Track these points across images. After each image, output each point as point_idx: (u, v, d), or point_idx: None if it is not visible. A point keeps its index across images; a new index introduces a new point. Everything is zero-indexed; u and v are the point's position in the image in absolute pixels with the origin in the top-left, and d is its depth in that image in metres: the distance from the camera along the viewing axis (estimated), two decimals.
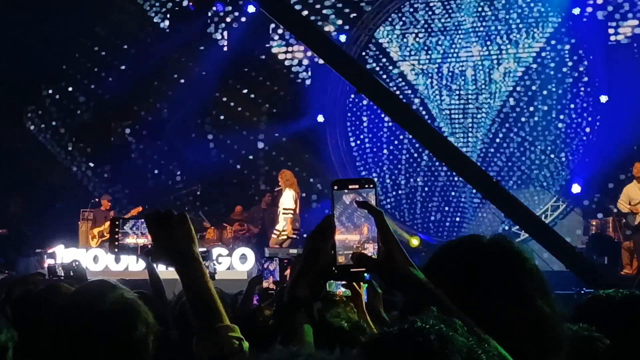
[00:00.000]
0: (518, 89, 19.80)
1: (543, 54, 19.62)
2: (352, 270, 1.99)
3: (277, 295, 5.87)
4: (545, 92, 19.58)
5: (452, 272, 2.08)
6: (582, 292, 9.37)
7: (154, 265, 5.80)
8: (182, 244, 2.57)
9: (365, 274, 2.02)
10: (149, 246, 2.73)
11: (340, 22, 21.09)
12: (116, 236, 3.06)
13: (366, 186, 2.00)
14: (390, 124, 20.33)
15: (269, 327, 2.54)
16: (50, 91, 23.10)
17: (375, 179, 2.06)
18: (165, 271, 3.48)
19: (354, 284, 3.46)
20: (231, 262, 15.62)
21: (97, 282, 2.99)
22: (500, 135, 19.88)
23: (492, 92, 19.97)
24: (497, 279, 2.04)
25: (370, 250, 1.99)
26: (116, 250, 3.09)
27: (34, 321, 2.08)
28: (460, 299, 1.97)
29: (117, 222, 3.03)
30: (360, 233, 2.00)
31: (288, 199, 15.98)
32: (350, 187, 2.01)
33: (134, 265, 14.17)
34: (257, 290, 6.54)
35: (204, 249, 12.88)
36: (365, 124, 21.04)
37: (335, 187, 2.01)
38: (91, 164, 22.81)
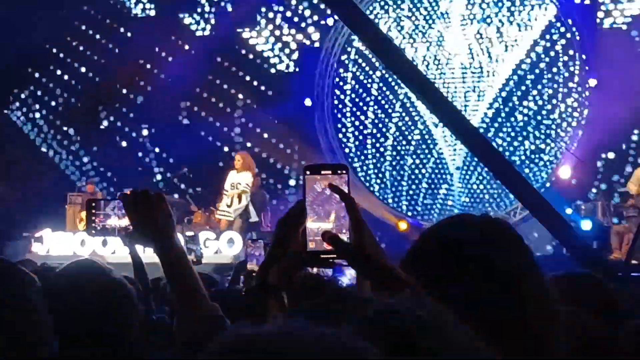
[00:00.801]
0: (510, 76, 19.81)
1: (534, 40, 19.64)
2: (322, 256, 1.95)
3: (246, 282, 5.87)
4: (533, 77, 19.63)
5: (439, 252, 2.04)
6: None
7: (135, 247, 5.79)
8: (160, 224, 2.57)
9: (334, 260, 1.97)
10: (129, 227, 2.70)
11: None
12: (93, 217, 3.03)
13: (339, 172, 1.97)
14: (375, 107, 20.42)
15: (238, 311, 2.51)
16: (36, 75, 22.98)
17: (348, 166, 2.00)
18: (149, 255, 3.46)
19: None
20: (218, 247, 15.62)
21: (84, 262, 2.97)
22: (494, 124, 19.91)
23: (485, 81, 19.99)
24: (485, 258, 2.00)
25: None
26: (93, 232, 3.05)
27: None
28: (446, 279, 1.96)
29: (93, 204, 3.00)
30: (330, 220, 1.96)
31: (245, 178, 16.11)
32: (322, 172, 1.97)
33: (122, 248, 14.12)
34: (243, 274, 6.53)
35: (192, 233, 12.88)
36: (349, 108, 21.04)
37: (308, 172, 1.97)
38: (76, 148, 22.72)
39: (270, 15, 21.25)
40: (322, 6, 20.41)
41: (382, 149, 20.71)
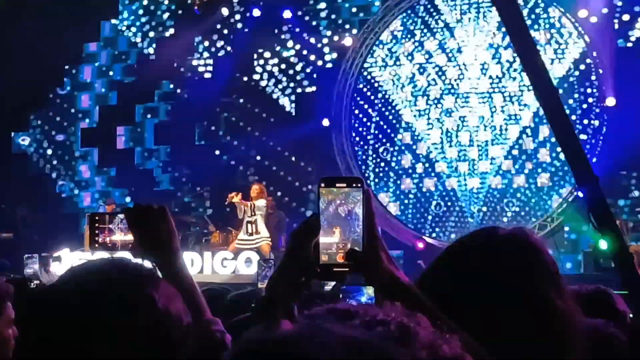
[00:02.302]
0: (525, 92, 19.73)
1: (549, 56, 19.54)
2: (335, 269, 1.95)
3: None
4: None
5: (463, 265, 2.09)
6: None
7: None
8: (163, 238, 2.55)
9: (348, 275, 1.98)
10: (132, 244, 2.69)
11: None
12: (96, 232, 3.00)
13: (354, 185, 1.95)
14: (393, 126, 20.43)
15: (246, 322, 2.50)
16: (53, 94, 23.20)
17: (362, 179, 1.99)
18: None
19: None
20: (236, 266, 15.64)
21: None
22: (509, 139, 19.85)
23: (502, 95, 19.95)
24: (508, 271, 2.04)
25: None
26: (96, 246, 3.02)
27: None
28: (469, 294, 1.99)
29: (96, 218, 2.97)
30: (334, 235, 1.95)
31: (261, 203, 16.61)
32: (337, 185, 1.96)
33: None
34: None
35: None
36: (366, 127, 21.04)
37: (322, 185, 1.96)
38: (96, 168, 22.82)
39: (288, 36, 21.28)
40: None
41: (398, 168, 20.65)
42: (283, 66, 21.35)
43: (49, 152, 23.19)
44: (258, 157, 21.30)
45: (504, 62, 19.89)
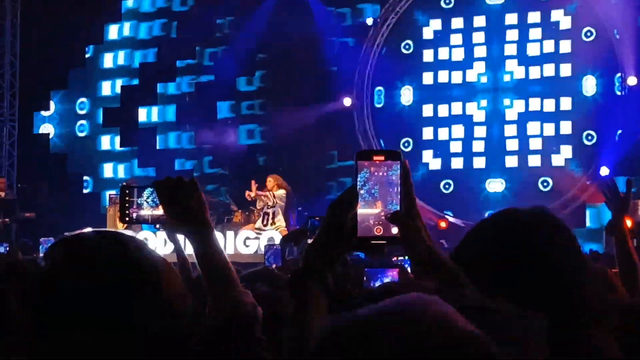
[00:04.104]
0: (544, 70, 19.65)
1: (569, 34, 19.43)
2: (373, 242, 1.96)
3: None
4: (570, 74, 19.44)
5: (488, 245, 2.15)
6: None
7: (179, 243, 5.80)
8: (194, 211, 2.53)
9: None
10: (162, 217, 2.68)
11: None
12: (126, 205, 2.97)
13: (391, 158, 1.96)
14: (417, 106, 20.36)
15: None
16: (75, 74, 23.28)
17: (400, 152, 1.98)
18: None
19: None
20: (259, 245, 15.67)
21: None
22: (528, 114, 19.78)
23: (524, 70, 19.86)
24: (534, 249, 2.08)
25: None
26: (127, 219, 3.00)
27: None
28: (495, 271, 2.05)
29: (127, 191, 2.93)
30: (377, 206, 1.96)
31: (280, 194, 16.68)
32: (374, 158, 1.96)
33: (163, 248, 14.17)
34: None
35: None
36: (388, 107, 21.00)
37: (360, 158, 1.96)
38: (118, 148, 22.88)
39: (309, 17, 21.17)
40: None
41: (421, 149, 20.61)
42: (304, 45, 21.22)
43: (71, 132, 23.28)
44: (277, 136, 21.24)
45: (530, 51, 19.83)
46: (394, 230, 1.95)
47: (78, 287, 1.87)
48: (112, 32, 23.19)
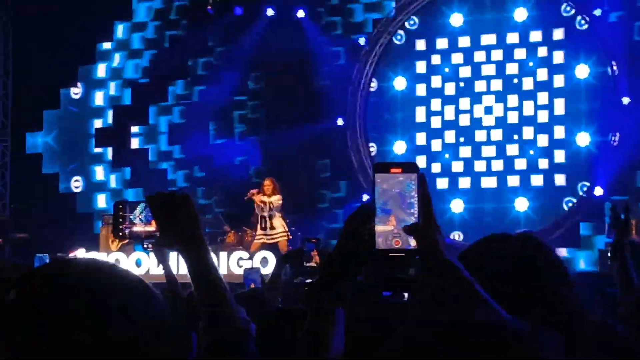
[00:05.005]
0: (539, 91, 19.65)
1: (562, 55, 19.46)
2: (391, 254, 1.97)
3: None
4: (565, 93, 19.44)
5: (480, 269, 2.13)
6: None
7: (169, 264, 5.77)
8: (187, 226, 2.50)
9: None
10: (155, 233, 2.67)
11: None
12: (120, 220, 2.97)
13: (408, 170, 1.97)
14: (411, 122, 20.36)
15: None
16: (67, 94, 23.22)
17: (416, 164, 2.00)
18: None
19: None
20: (252, 266, 15.65)
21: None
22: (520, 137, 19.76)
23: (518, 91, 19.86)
24: (522, 272, 2.18)
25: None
26: (120, 234, 2.98)
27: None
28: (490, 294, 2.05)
29: (120, 206, 2.93)
30: (390, 223, 1.98)
31: (276, 200, 16.92)
32: (392, 171, 1.97)
33: (155, 269, 14.12)
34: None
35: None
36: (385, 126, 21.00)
37: (377, 170, 1.98)
38: (110, 168, 22.82)
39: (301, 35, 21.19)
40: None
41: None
42: (297, 65, 21.23)
43: (63, 152, 23.21)
44: (270, 156, 21.22)
45: (518, 60, 19.82)
46: (412, 242, 1.96)
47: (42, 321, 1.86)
48: (100, 70, 23.24)
